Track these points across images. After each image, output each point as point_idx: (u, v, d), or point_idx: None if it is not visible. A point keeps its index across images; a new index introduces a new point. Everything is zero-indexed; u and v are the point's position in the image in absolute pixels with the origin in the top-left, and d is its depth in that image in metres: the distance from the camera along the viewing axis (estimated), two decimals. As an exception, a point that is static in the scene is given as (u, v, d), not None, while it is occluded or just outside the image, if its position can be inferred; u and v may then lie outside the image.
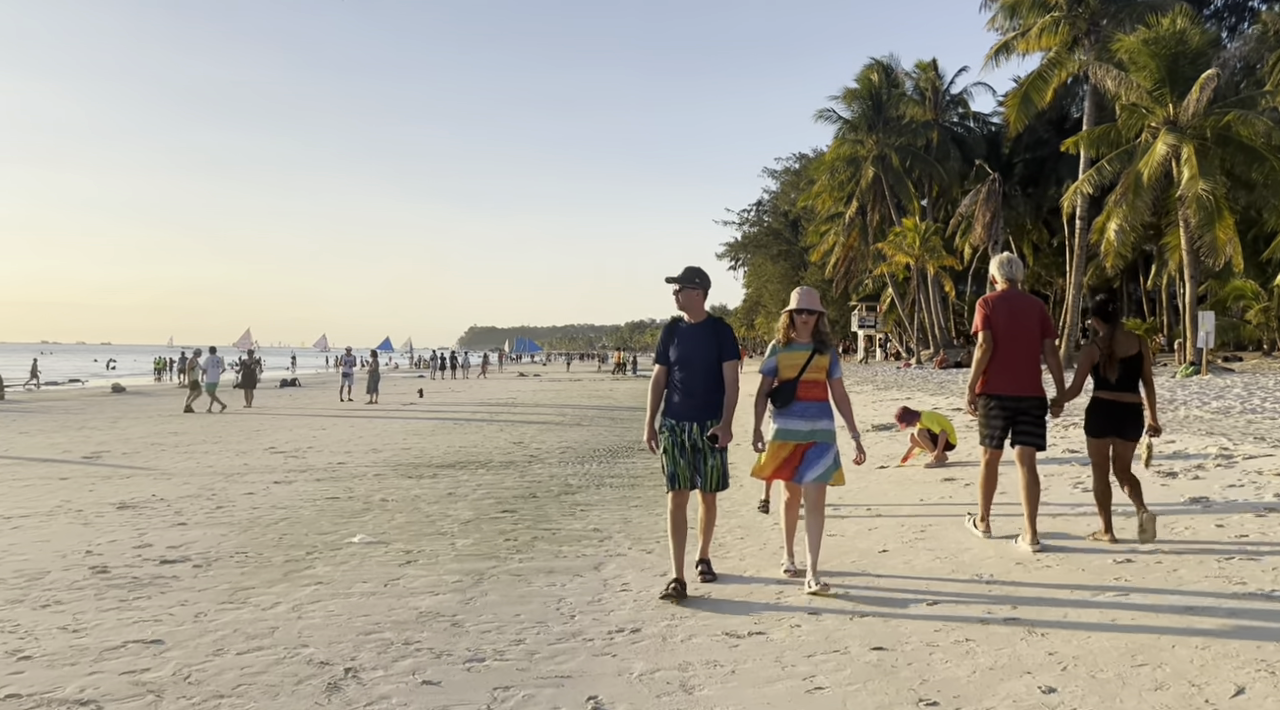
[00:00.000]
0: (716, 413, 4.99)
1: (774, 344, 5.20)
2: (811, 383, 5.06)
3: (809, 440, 5.03)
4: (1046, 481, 6.97)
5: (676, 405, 5.03)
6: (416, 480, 9.80)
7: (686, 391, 5.00)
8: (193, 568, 5.84)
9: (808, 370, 5.05)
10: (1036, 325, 5.67)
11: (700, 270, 5.12)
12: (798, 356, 5.06)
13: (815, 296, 5.21)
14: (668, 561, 5.76)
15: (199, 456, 12.23)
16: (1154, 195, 23.48)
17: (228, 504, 8.27)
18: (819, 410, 5.04)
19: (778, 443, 5.05)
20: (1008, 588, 4.76)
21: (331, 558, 6.11)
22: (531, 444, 13.73)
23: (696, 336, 5.02)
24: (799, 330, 5.12)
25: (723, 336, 5.05)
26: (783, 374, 5.07)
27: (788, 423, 5.04)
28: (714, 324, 5.10)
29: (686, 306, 5.07)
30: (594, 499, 8.53)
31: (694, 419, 4.96)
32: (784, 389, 5.04)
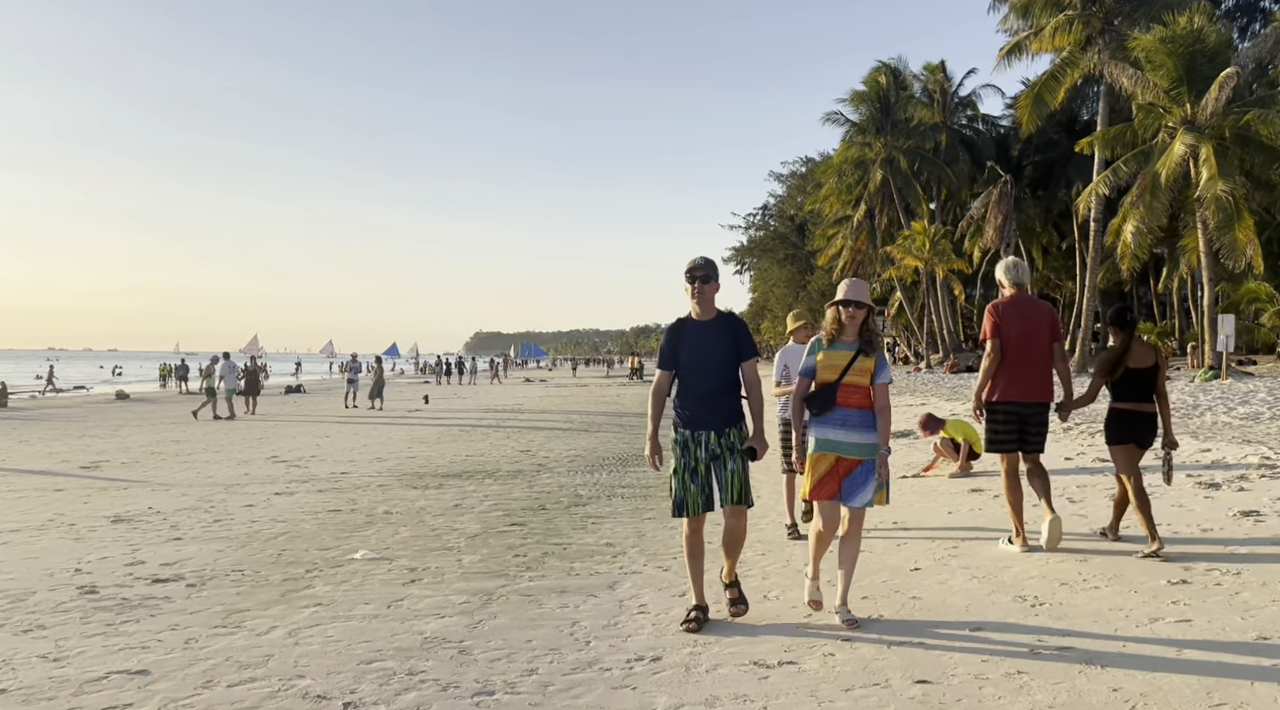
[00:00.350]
0: (736, 419, 4.52)
1: (815, 340, 4.64)
2: (852, 387, 4.49)
3: (855, 456, 4.46)
4: (1081, 492, 6.67)
5: (689, 414, 4.50)
6: (422, 491, 9.50)
7: (701, 397, 4.49)
8: (185, 587, 5.54)
9: (849, 373, 4.48)
10: (1046, 331, 5.64)
11: (713, 261, 4.64)
12: (839, 357, 4.51)
13: (864, 288, 4.63)
14: (686, 581, 5.46)
15: (199, 466, 11.95)
16: (1171, 196, 23.10)
17: (226, 517, 7.98)
18: (859, 420, 4.47)
19: (816, 454, 4.51)
20: (1056, 611, 4.44)
21: (332, 576, 5.81)
22: (539, 452, 13.43)
23: (709, 335, 4.50)
24: (845, 326, 4.54)
25: (739, 333, 4.54)
26: (821, 376, 4.52)
27: (825, 431, 4.51)
28: (727, 320, 4.57)
29: (705, 302, 4.54)
30: (605, 511, 8.22)
31: (711, 428, 4.46)
32: (822, 394, 4.49)
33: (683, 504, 4.53)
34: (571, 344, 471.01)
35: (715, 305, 4.60)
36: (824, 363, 4.55)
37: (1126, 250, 23.43)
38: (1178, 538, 5.88)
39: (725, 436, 4.48)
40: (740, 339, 4.53)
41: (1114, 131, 24.33)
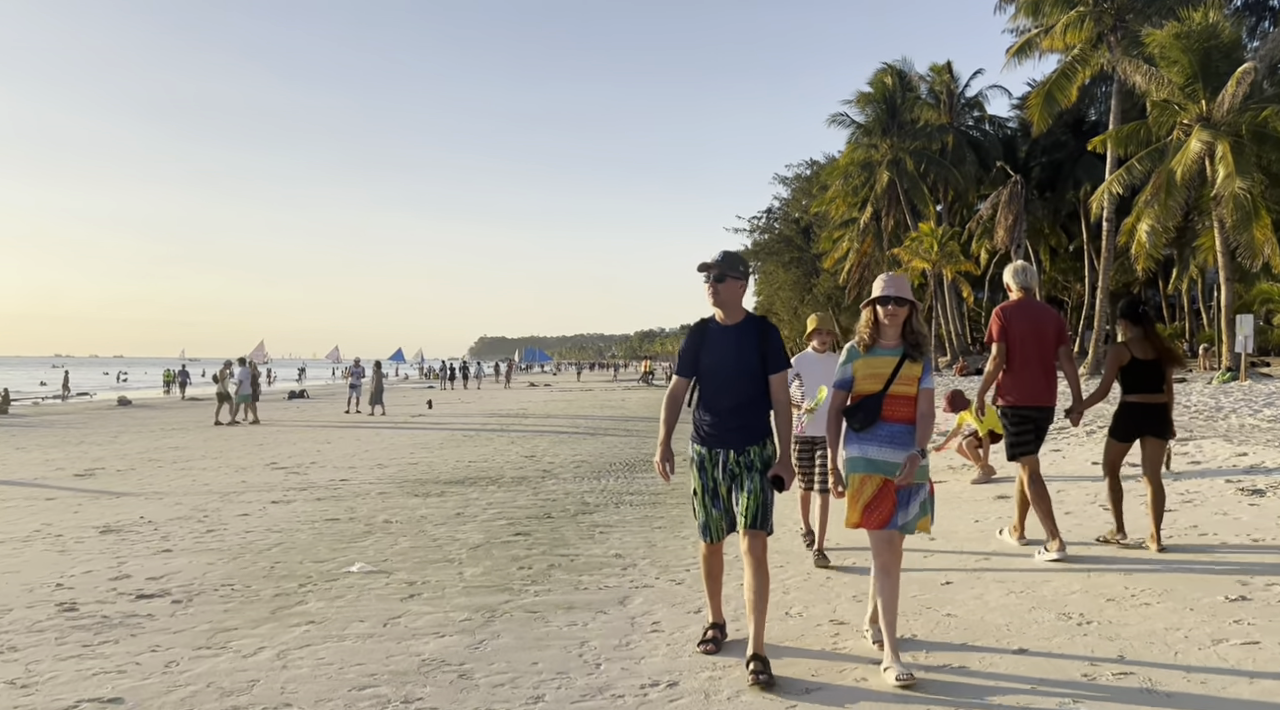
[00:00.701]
0: (759, 436, 3.95)
1: (850, 347, 4.03)
2: (900, 399, 3.88)
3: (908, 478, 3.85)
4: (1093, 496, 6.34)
5: (706, 429, 3.97)
6: (423, 499, 9.18)
7: (719, 410, 3.93)
8: (171, 604, 5.22)
9: (895, 382, 3.87)
10: (1053, 334, 5.62)
11: (740, 256, 4.05)
12: (882, 364, 3.90)
13: (906, 283, 4.01)
14: (702, 593, 5.13)
15: (196, 473, 11.65)
16: (1187, 194, 22.71)
17: (219, 527, 7.67)
18: (908, 436, 3.87)
19: (859, 476, 3.86)
20: (1106, 631, 4.10)
21: (326, 591, 5.49)
22: (544, 458, 13.11)
23: (734, 340, 3.94)
24: (885, 328, 3.93)
25: (768, 340, 3.94)
26: (861, 387, 3.92)
27: (869, 449, 3.87)
28: (756, 324, 4.00)
29: (724, 302, 3.97)
30: (613, 519, 7.89)
31: (729, 446, 3.93)
32: (865, 407, 3.87)
33: (706, 529, 4.11)
34: (576, 349, 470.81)
35: (743, 307, 4.06)
36: (864, 372, 3.93)
37: (1141, 250, 23.02)
38: (1228, 547, 5.56)
39: (745, 454, 3.95)
40: (769, 348, 3.93)
41: (1127, 129, 23.93)
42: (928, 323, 46.30)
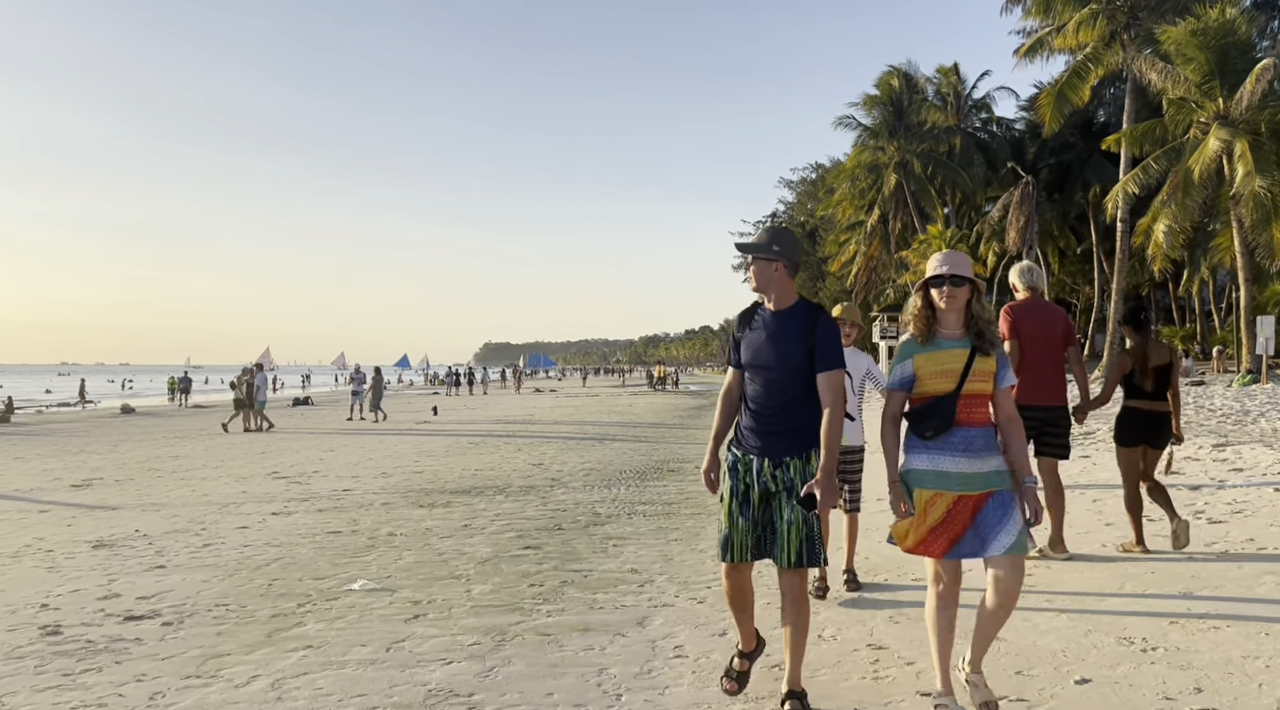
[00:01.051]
0: (801, 446, 3.33)
1: (905, 341, 3.43)
2: (975, 399, 3.29)
3: (982, 489, 3.23)
4: (1152, 507, 6.02)
5: (743, 432, 3.47)
6: (428, 509, 8.86)
7: (760, 412, 3.40)
8: (161, 626, 4.91)
9: (970, 379, 3.27)
10: (1060, 334, 5.62)
11: (785, 233, 3.50)
12: (949, 358, 3.28)
13: (966, 261, 3.38)
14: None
15: (195, 483, 11.35)
16: (1204, 194, 22.34)
17: (216, 541, 7.36)
18: (986, 441, 3.29)
19: (927, 493, 3.26)
20: (1176, 659, 3.76)
21: (326, 611, 5.17)
22: (552, 465, 12.78)
23: (776, 329, 3.38)
24: (943, 315, 3.32)
25: (819, 331, 3.32)
26: (927, 387, 3.31)
27: (941, 461, 3.26)
28: (806, 312, 3.40)
29: (760, 285, 3.44)
30: (627, 531, 7.57)
31: (765, 454, 3.35)
32: (938, 410, 3.25)
33: (728, 544, 3.41)
34: (580, 354, 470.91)
35: (793, 290, 3.46)
36: (928, 368, 3.30)
37: (1158, 250, 22.64)
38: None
39: (783, 468, 3.32)
40: (819, 340, 3.31)
41: (1142, 128, 23.56)
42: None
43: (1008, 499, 3.23)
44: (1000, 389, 3.36)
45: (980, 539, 3.20)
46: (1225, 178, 21.93)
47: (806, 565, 3.29)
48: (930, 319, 3.35)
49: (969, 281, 3.30)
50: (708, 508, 8.66)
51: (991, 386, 3.34)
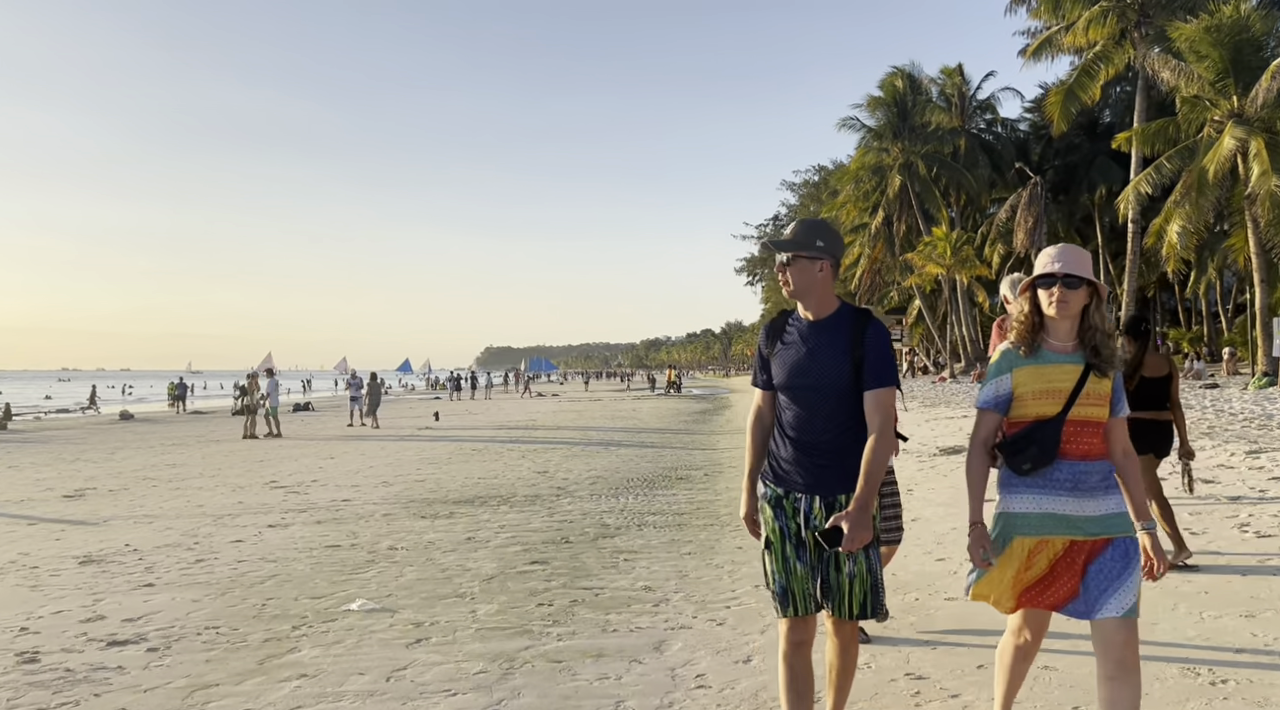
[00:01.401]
0: (851, 481, 2.79)
1: (1004, 350, 2.81)
2: (1086, 426, 2.69)
3: (1096, 535, 2.65)
4: (1195, 518, 5.69)
5: (781, 464, 2.92)
6: (430, 521, 8.55)
7: (799, 440, 2.86)
8: (145, 653, 4.60)
9: (1080, 401, 2.68)
10: None
11: (826, 226, 2.95)
12: (1057, 375, 2.70)
13: (1084, 258, 2.77)
14: (749, 637, 4.51)
15: (191, 493, 11.05)
16: (1219, 194, 22.02)
17: (209, 556, 7.05)
18: (1102, 478, 2.70)
19: (1029, 541, 2.70)
20: (1252, 694, 3.44)
21: (322, 634, 4.86)
22: (557, 473, 12.47)
23: (816, 342, 2.84)
24: (1053, 324, 2.74)
25: (869, 342, 2.79)
26: (1025, 409, 2.72)
27: (1045, 500, 2.69)
28: (852, 319, 2.86)
29: (799, 291, 2.87)
30: (638, 544, 7.25)
31: (814, 490, 2.84)
32: (1038, 438, 2.66)
33: (786, 595, 2.83)
34: (582, 358, 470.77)
35: (833, 295, 2.92)
36: (1031, 386, 2.71)
37: (1172, 251, 22.31)
38: None
39: (837, 507, 2.80)
40: (868, 352, 2.78)
41: (1155, 126, 23.24)
42: (942, 329, 45.60)
43: (1130, 549, 2.64)
44: (1114, 417, 2.76)
45: (1088, 596, 2.62)
46: (1240, 177, 21.62)
47: (869, 615, 2.82)
48: (1036, 326, 2.75)
49: (1086, 283, 2.69)
50: (721, 518, 8.35)
51: (1106, 413, 2.72)
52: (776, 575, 2.87)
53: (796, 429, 2.88)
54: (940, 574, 5.66)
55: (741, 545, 7.01)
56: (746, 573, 6.04)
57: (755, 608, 5.14)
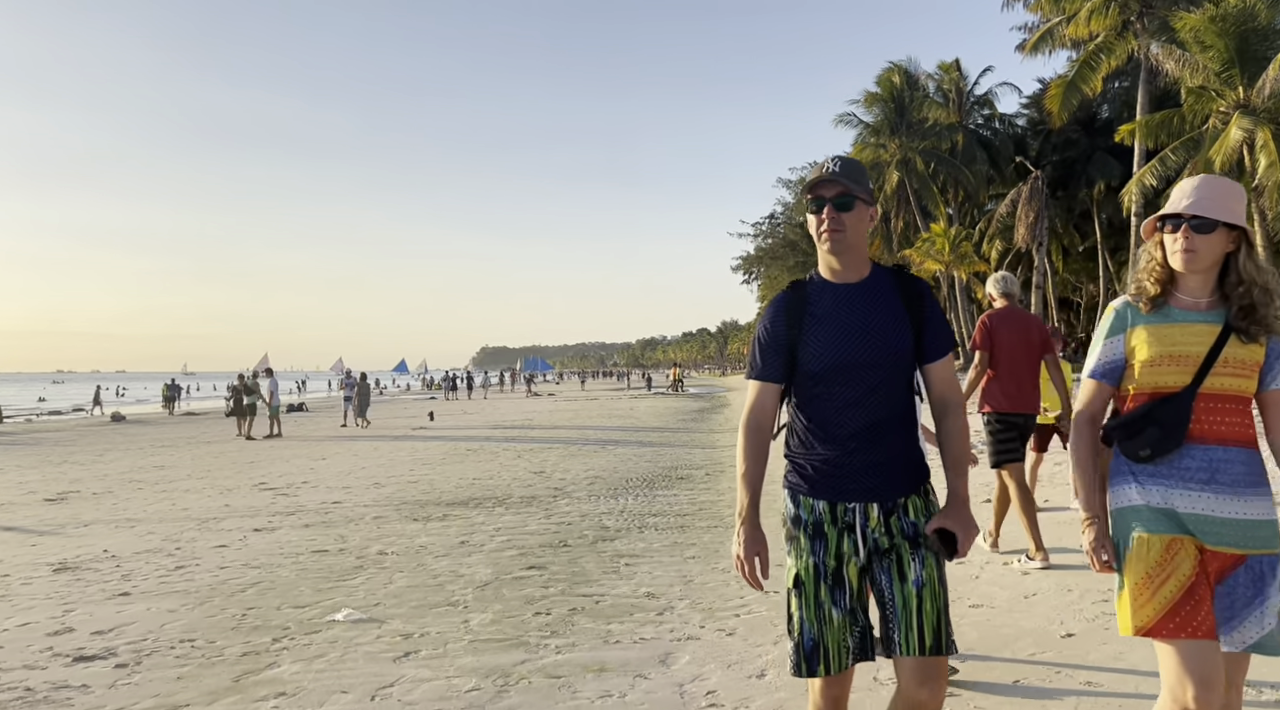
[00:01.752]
0: (919, 475, 2.33)
1: (1118, 306, 2.29)
2: (1224, 401, 2.15)
3: (1233, 547, 2.12)
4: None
5: (818, 467, 2.31)
6: (423, 524, 8.24)
7: (843, 433, 2.29)
8: (114, 669, 4.29)
9: (1216, 369, 2.14)
10: (1038, 342, 5.69)
11: (858, 163, 2.32)
12: (1186, 337, 2.17)
13: (1232, 192, 2.17)
14: (761, 648, 4.20)
15: (177, 496, 10.72)
16: (1225, 186, 21.68)
17: (190, 562, 6.73)
18: (1248, 469, 2.15)
19: (1163, 538, 2.13)
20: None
21: (304, 647, 4.55)
22: (554, 473, 12.16)
23: (863, 307, 2.28)
24: (1185, 276, 2.20)
25: (923, 303, 2.31)
26: (1145, 379, 2.20)
27: (1174, 494, 2.15)
28: (893, 278, 2.35)
29: (853, 243, 2.27)
30: (638, 547, 6.95)
31: (869, 496, 2.27)
32: (1158, 415, 2.15)
33: (815, 652, 2.23)
34: (578, 357, 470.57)
35: (866, 256, 2.36)
36: (1152, 349, 2.18)
37: (1178, 244, 21.93)
38: None
39: (900, 513, 2.26)
40: (930, 315, 2.31)
41: (1159, 118, 22.97)
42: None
43: (1268, 570, 2.11)
44: (1267, 392, 2.17)
45: (1226, 621, 2.11)
46: (1246, 169, 21.37)
47: (940, 651, 2.16)
48: (1162, 276, 2.21)
49: (1227, 227, 2.12)
50: (724, 520, 8.05)
51: (1254, 386, 2.15)
52: (807, 626, 2.24)
53: (845, 420, 2.28)
54: (962, 578, 5.36)
55: (748, 548, 6.70)
56: (754, 578, 5.73)
57: (766, 616, 4.84)
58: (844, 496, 2.28)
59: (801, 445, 2.37)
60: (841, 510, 2.28)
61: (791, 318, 2.33)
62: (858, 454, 2.28)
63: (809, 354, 2.30)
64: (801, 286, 2.37)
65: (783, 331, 2.33)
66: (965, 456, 2.32)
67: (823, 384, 2.31)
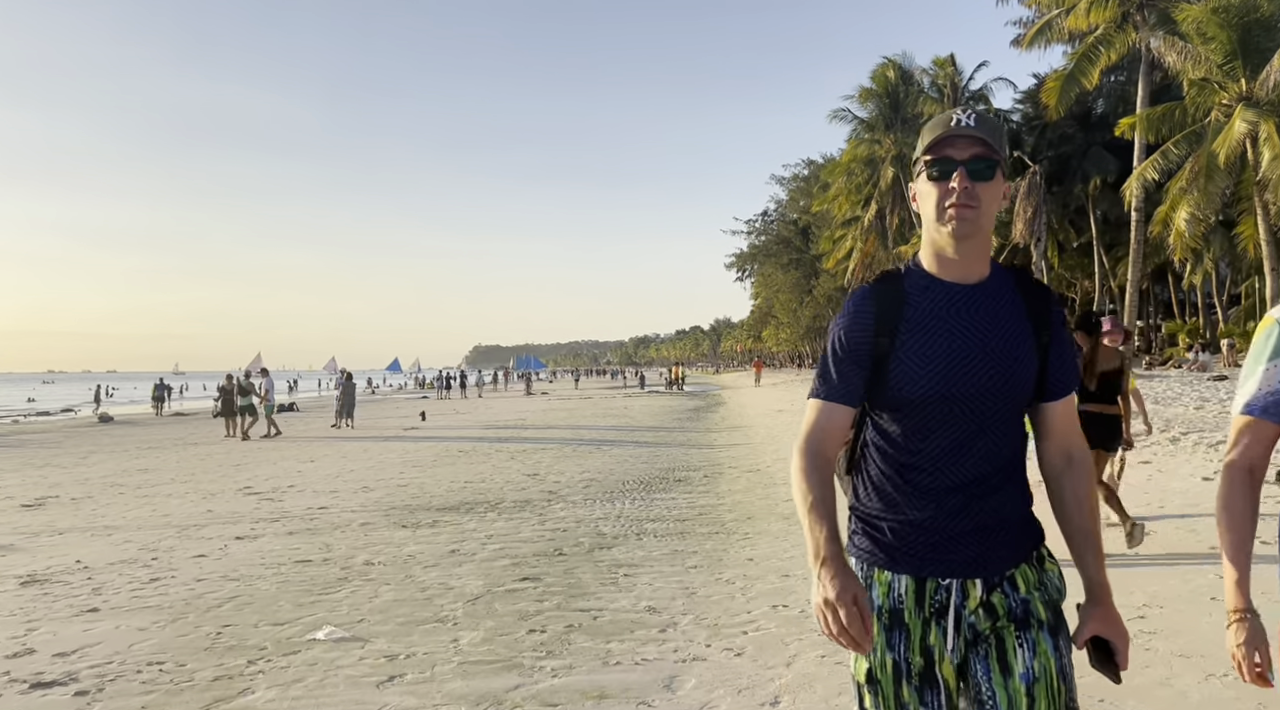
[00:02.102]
0: (1030, 539, 1.75)
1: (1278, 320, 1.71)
2: None
3: None
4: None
5: (907, 530, 1.71)
6: (412, 531, 7.92)
7: (939, 485, 1.69)
8: (73, 697, 3.96)
9: None
10: None
11: (998, 123, 1.71)
12: None
13: None
14: (773, 670, 3.90)
15: (159, 501, 10.37)
16: (1228, 180, 21.50)
17: (166, 575, 6.40)
18: None
19: None
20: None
21: (282, 671, 4.23)
22: (548, 475, 11.84)
23: (992, 318, 1.70)
24: None
25: (1056, 320, 1.74)
26: None
27: None
28: (1020, 283, 1.75)
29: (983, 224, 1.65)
30: (637, 556, 6.64)
31: (977, 569, 1.69)
32: None
33: None
34: (571, 355, 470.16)
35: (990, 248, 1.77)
36: None
37: (1180, 239, 21.76)
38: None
39: (1008, 590, 1.69)
40: (1053, 339, 1.74)
41: (1160, 111, 22.70)
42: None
43: None
44: None
45: None
46: (1249, 163, 21.14)
47: None
48: None
49: None
50: (725, 526, 7.75)
51: None
52: None
53: (946, 468, 1.68)
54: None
55: (753, 557, 6.40)
56: (761, 590, 5.44)
57: (776, 633, 4.54)
58: (937, 570, 1.68)
59: (879, 498, 1.74)
60: (931, 588, 1.67)
61: (883, 321, 1.69)
62: (960, 516, 1.67)
63: (904, 374, 1.67)
64: (896, 280, 1.73)
65: (869, 339, 1.70)
66: (1097, 531, 1.72)
67: (918, 417, 1.69)
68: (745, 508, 8.66)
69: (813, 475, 1.68)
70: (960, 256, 1.68)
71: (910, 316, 1.69)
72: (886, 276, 1.75)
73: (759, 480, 10.73)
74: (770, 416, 23.13)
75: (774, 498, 9.19)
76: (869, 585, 1.73)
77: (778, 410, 24.85)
